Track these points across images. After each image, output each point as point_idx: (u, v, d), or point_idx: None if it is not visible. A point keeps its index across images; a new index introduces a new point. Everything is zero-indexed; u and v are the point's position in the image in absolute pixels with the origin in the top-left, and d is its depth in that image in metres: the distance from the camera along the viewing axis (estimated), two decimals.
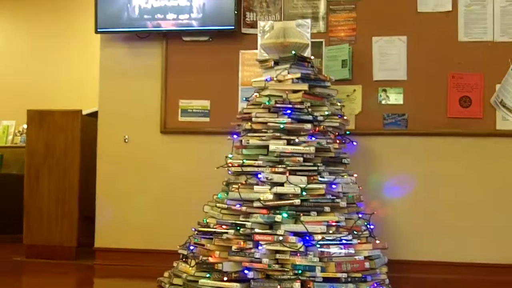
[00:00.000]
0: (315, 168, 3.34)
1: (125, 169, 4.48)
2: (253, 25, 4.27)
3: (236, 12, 4.24)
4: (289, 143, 3.39)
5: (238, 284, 3.09)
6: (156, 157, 4.44)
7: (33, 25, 6.79)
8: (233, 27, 4.25)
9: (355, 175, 3.57)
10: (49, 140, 4.74)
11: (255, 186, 3.33)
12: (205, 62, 4.39)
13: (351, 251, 3.18)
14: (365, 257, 3.22)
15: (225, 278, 3.11)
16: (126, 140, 4.49)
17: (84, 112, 4.90)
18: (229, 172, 3.60)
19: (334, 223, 3.21)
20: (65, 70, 6.51)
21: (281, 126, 3.38)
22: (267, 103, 3.47)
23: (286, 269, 3.08)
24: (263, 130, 3.45)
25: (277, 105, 3.43)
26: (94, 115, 4.71)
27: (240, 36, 4.34)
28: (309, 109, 3.44)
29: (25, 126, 5.47)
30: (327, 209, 3.24)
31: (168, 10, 4.37)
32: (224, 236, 3.24)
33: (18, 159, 6.25)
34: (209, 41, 4.40)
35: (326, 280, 3.06)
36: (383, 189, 4.03)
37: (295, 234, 3.16)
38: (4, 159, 6.68)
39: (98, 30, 4.48)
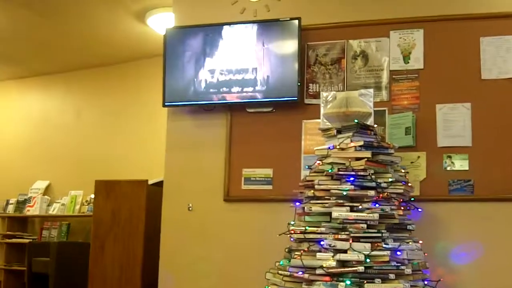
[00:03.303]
0: (379, 234, 3.27)
1: (188, 236, 4.51)
2: (316, 95, 4.32)
3: (299, 84, 4.32)
4: (352, 209, 3.35)
5: None
6: (219, 225, 4.45)
7: (102, 98, 7.03)
8: (296, 99, 4.32)
9: (421, 241, 3.48)
10: (115, 209, 4.86)
11: (317, 253, 3.28)
12: (268, 131, 4.46)
13: None
14: None
15: None
16: (190, 208, 4.55)
17: (150, 182, 5.01)
18: (292, 239, 3.57)
19: None
20: (132, 141, 6.68)
21: (344, 192, 3.36)
22: (330, 171, 3.46)
23: None
24: (326, 197, 3.43)
25: (340, 172, 3.42)
26: (160, 184, 4.79)
27: (303, 106, 4.39)
28: (373, 176, 3.40)
29: (92, 196, 5.62)
30: (392, 276, 3.15)
31: (233, 83, 4.48)
32: None
33: (84, 227, 6.41)
34: (272, 112, 4.48)
35: None
36: (450, 256, 3.89)
37: None
38: (71, 227, 6.85)
39: (166, 104, 4.62)
